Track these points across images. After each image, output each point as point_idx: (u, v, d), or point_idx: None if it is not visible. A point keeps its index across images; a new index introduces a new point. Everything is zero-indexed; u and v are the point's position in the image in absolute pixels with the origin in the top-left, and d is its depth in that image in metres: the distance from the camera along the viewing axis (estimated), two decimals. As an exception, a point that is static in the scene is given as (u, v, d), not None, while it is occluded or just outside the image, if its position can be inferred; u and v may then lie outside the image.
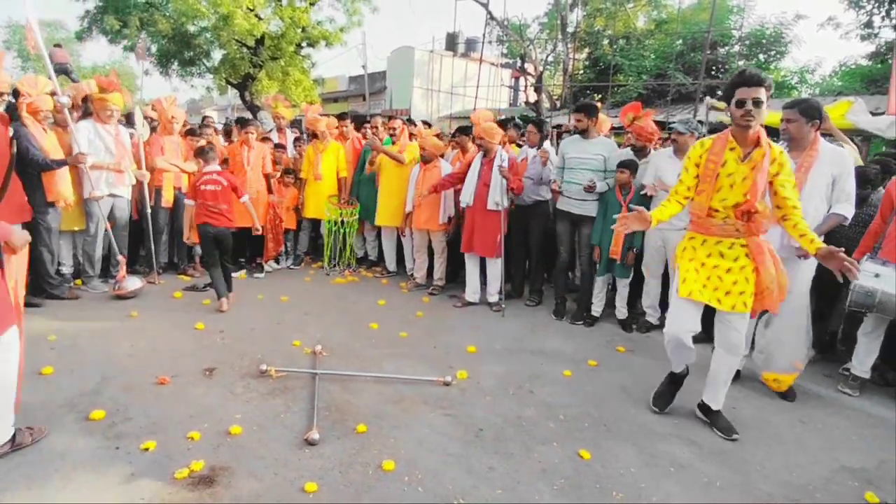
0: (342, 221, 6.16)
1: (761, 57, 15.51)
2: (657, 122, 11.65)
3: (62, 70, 10.91)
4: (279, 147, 6.47)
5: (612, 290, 5.21)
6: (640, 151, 4.99)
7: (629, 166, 4.69)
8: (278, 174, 6.30)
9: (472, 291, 5.44)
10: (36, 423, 2.75)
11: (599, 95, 17.07)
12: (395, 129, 6.13)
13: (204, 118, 7.36)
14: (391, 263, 6.38)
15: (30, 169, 4.42)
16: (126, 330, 4.26)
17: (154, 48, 15.47)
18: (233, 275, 5.92)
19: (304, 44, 15.43)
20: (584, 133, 4.95)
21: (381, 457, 2.68)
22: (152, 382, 3.34)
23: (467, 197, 5.24)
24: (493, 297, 5.37)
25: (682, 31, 15.31)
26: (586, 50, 18.15)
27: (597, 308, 5.09)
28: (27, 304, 4.39)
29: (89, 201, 5.02)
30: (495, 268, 5.31)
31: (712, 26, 12.21)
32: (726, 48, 15.57)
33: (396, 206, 5.91)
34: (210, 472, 2.48)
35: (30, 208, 4.33)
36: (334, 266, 6.47)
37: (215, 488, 2.38)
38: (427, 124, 7.37)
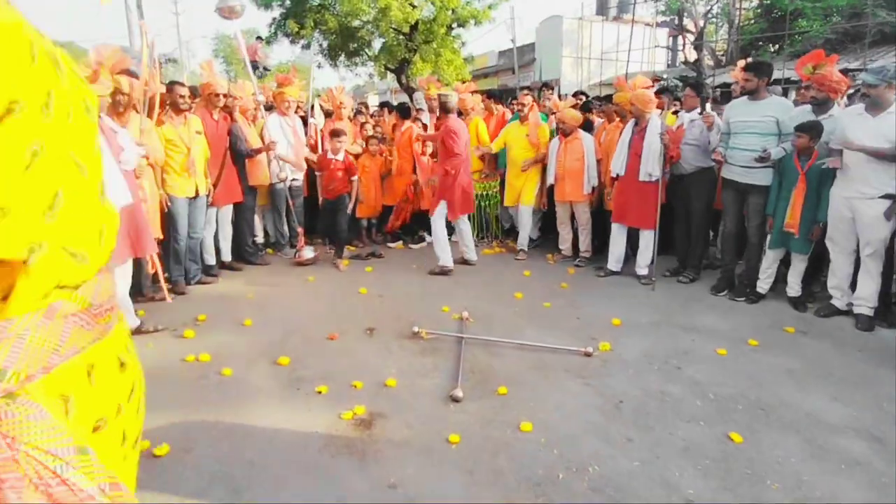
0: (486, 195, 6.37)
1: None
2: (853, 70, 10.09)
3: (255, 66, 12.39)
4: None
5: (783, 266, 4.69)
6: (822, 106, 4.33)
7: (809, 130, 4.10)
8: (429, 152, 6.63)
9: (615, 261, 5.35)
10: (240, 363, 3.44)
11: (775, 46, 15.19)
12: (524, 105, 5.98)
13: (360, 103, 7.99)
14: (523, 242, 6.16)
15: (237, 158, 5.33)
16: (305, 292, 4.95)
17: (325, 44, 17.03)
18: (391, 245, 6.51)
19: (454, 25, 15.82)
20: (752, 94, 4.51)
21: (519, 418, 2.83)
22: (324, 337, 3.86)
23: (618, 167, 5.14)
24: (642, 270, 5.22)
25: None
26: (758, -2, 16.17)
27: (763, 284, 4.64)
28: (230, 268, 5.44)
29: (276, 184, 5.78)
30: (647, 239, 5.14)
31: None
32: None
33: (523, 185, 5.95)
34: (369, 416, 2.86)
35: (241, 191, 5.28)
36: (482, 238, 6.72)
37: (373, 430, 2.74)
38: (583, 94, 7.30)
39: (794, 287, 4.52)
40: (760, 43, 15.56)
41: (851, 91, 6.12)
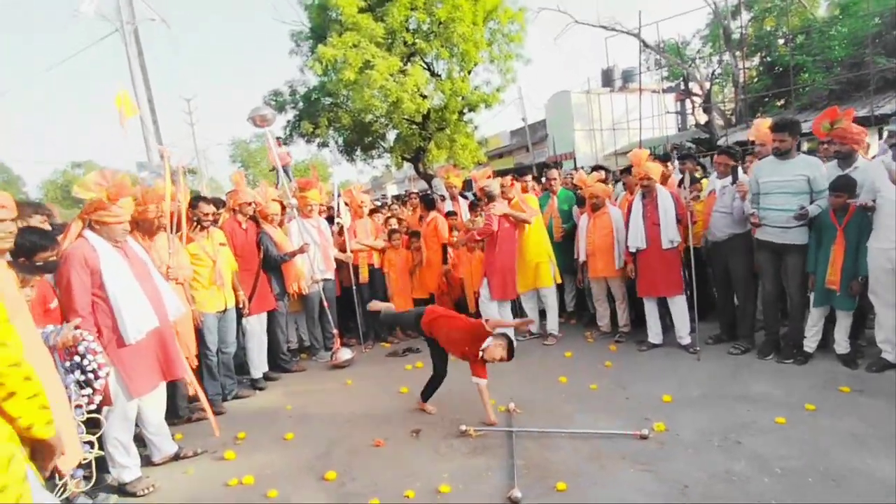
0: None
1: None
2: (862, 118, 10.29)
3: (283, 169, 12.99)
4: (451, 214, 6.96)
5: (828, 323, 4.57)
6: (847, 160, 4.38)
7: (844, 188, 4.11)
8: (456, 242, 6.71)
9: (654, 334, 5.28)
10: (285, 483, 3.33)
11: (781, 102, 15.50)
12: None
13: (394, 197, 8.17)
14: (534, 325, 6.02)
15: (269, 264, 5.43)
16: (345, 397, 4.87)
17: (340, 140, 17.80)
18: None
19: (465, 110, 16.45)
20: (782, 153, 4.50)
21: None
22: (370, 445, 3.77)
23: (637, 241, 5.14)
24: (685, 340, 5.13)
25: (876, 9, 13.30)
26: (758, 56, 16.68)
27: (810, 344, 4.53)
28: (268, 378, 5.40)
29: (310, 286, 5.85)
30: (680, 306, 5.10)
31: None
32: None
33: (535, 268, 5.77)
34: (427, 529, 2.75)
35: (274, 298, 5.36)
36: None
37: (433, 544, 2.62)
38: (602, 168, 7.41)
39: (841, 344, 4.41)
40: (767, 99, 15.91)
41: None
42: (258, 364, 5.43)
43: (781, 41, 15.84)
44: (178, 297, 4.03)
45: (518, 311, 6.32)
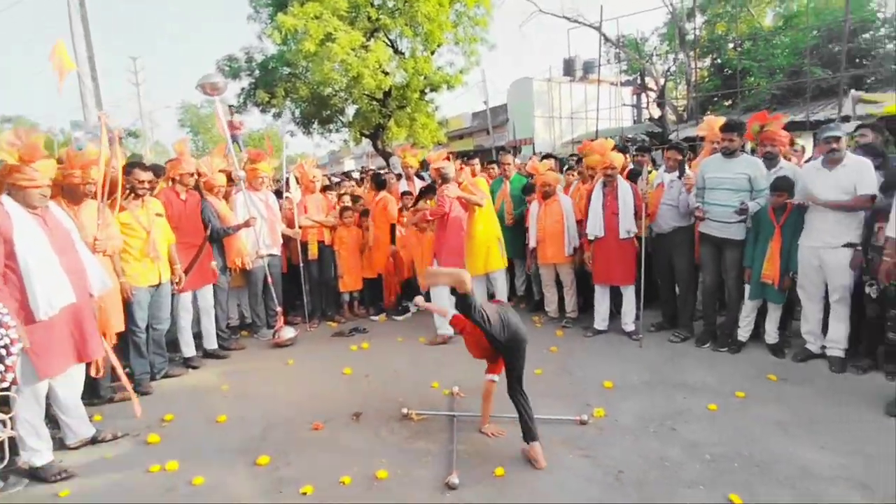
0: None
1: None
2: (797, 123, 10.91)
3: (233, 139, 12.52)
4: (407, 194, 6.85)
5: (759, 315, 4.79)
6: (773, 160, 4.66)
7: (785, 188, 4.30)
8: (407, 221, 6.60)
9: (601, 320, 5.37)
10: (214, 469, 3.17)
11: (728, 102, 16.13)
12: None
13: (343, 174, 8.00)
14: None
15: (212, 237, 5.19)
16: (285, 378, 4.71)
17: (297, 112, 17.35)
18: (374, 318, 6.39)
19: (427, 90, 16.25)
20: (729, 152, 4.66)
21: (519, 501, 2.72)
22: (308, 428, 3.66)
23: (596, 229, 5.18)
24: (629, 327, 5.24)
25: (815, 24, 14.11)
26: (709, 57, 17.28)
27: (743, 333, 4.76)
28: (216, 357, 5.22)
29: (254, 261, 5.64)
30: (630, 295, 5.21)
31: (849, 14, 11.24)
32: (870, 33, 14.14)
33: (485, 251, 5.66)
34: (361, 515, 2.67)
35: (215, 272, 5.13)
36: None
37: (366, 531, 2.56)
38: (552, 157, 7.39)
39: (771, 335, 4.67)
40: (716, 99, 16.54)
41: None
42: (206, 339, 5.26)
43: (731, 45, 16.47)
44: (106, 270, 3.78)
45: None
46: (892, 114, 7.40)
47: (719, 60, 16.99)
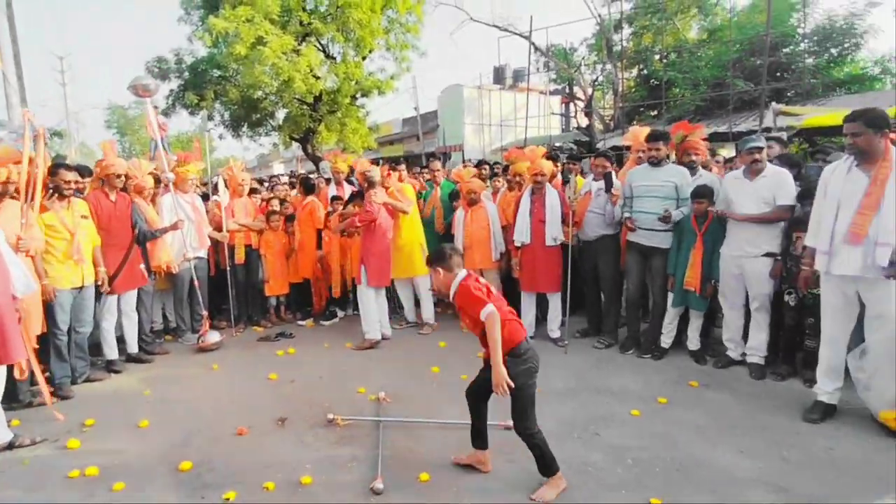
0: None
1: (833, 51, 14.39)
2: (720, 134, 11.25)
3: (156, 143, 12.02)
4: (336, 199, 6.80)
5: (681, 322, 4.94)
6: (693, 169, 4.85)
7: (706, 195, 4.44)
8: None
9: (526, 325, 5.42)
10: (134, 474, 3.09)
11: (654, 112, 16.72)
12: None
13: (271, 177, 7.84)
14: (410, 313, 6.19)
15: (140, 239, 5.04)
16: (209, 383, 4.61)
17: (226, 114, 16.91)
18: (301, 323, 6.30)
19: (358, 95, 16.19)
20: (656, 162, 4.81)
21: (443, 505, 2.72)
22: (232, 433, 3.58)
23: (522, 235, 5.24)
24: (555, 333, 5.35)
25: (738, 38, 14.54)
26: (636, 68, 17.85)
27: (666, 340, 4.88)
28: (139, 361, 5.08)
29: (180, 264, 5.48)
30: (556, 302, 5.30)
31: (770, 28, 11.58)
32: (790, 47, 14.63)
33: (409, 256, 5.81)
34: (285, 522, 2.64)
35: (144, 275, 4.95)
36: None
37: (290, 538, 2.53)
38: (486, 164, 7.53)
39: (693, 341, 4.80)
40: (642, 109, 17.07)
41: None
42: (128, 343, 5.11)
43: (657, 57, 16.95)
44: (28, 271, 3.61)
45: (394, 298, 6.33)
46: (812, 126, 7.87)
47: (646, 71, 17.30)
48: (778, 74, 14.36)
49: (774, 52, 13.45)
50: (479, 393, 3.03)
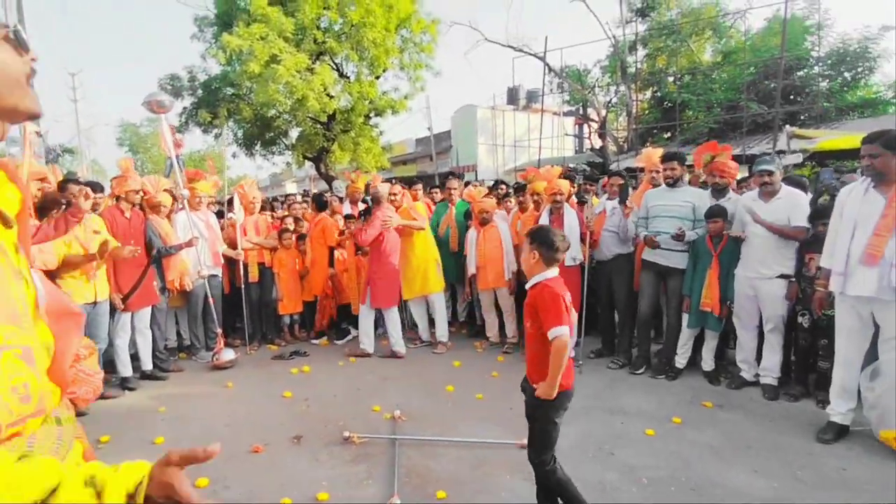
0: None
1: (847, 75, 14.52)
2: (734, 156, 11.36)
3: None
4: (350, 218, 6.84)
5: (695, 342, 4.92)
6: (722, 192, 4.78)
7: (720, 215, 4.47)
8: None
9: None
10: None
11: (668, 134, 16.75)
12: (395, 194, 5.96)
13: (287, 196, 7.91)
14: (424, 332, 6.16)
15: (153, 256, 5.09)
16: (223, 400, 4.62)
17: (240, 133, 17.11)
18: (314, 341, 6.32)
19: (371, 114, 16.33)
20: (672, 182, 4.84)
21: (461, 524, 2.72)
22: (247, 451, 3.58)
23: None
24: (570, 353, 5.33)
25: (752, 60, 14.66)
26: (650, 90, 17.92)
27: (681, 360, 4.86)
28: (153, 378, 5.09)
29: (194, 281, 5.52)
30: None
31: (785, 51, 11.64)
32: (804, 70, 14.74)
33: (423, 273, 5.84)
34: (301, 540, 2.64)
35: (157, 293, 4.99)
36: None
37: (307, 556, 2.52)
38: (503, 184, 7.57)
39: (707, 362, 4.78)
40: (655, 130, 17.09)
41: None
42: (143, 360, 5.13)
43: (671, 79, 17.10)
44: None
45: (408, 317, 6.33)
46: (824, 149, 7.87)
47: (659, 93, 17.45)
48: (791, 97, 14.42)
49: (788, 75, 13.52)
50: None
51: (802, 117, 13.64)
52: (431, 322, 6.15)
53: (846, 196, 3.52)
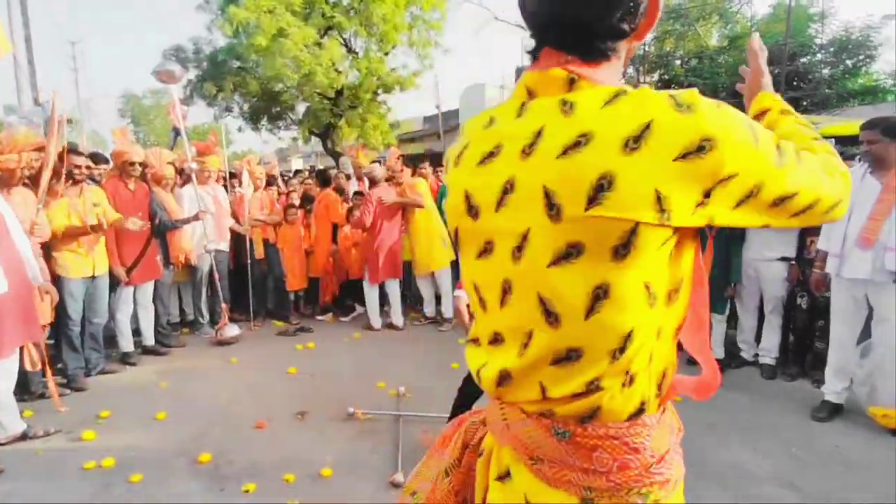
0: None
1: (848, 62, 14.64)
2: None
3: (177, 132, 12.07)
4: (358, 195, 6.79)
5: None
6: None
7: None
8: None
9: None
10: (152, 466, 3.06)
11: (675, 117, 16.77)
12: (393, 171, 5.90)
13: (296, 172, 7.83)
14: (429, 307, 6.11)
15: (159, 230, 5.03)
16: (227, 376, 4.60)
17: (246, 106, 16.97)
18: (320, 318, 6.31)
19: (379, 91, 16.17)
20: None
21: (464, 500, 2.72)
22: (251, 426, 3.58)
23: None
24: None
25: None
26: (657, 73, 17.84)
27: None
28: (155, 353, 5.05)
29: (200, 256, 5.49)
30: None
31: (789, 37, 11.80)
32: (808, 57, 14.84)
33: (428, 250, 5.82)
34: (304, 514, 2.63)
35: (160, 267, 4.94)
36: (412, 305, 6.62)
37: (309, 530, 2.52)
38: None
39: (717, 350, 4.68)
40: (663, 113, 17.06)
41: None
42: (144, 335, 5.10)
43: (678, 62, 17.04)
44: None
45: (413, 295, 6.32)
46: (826, 136, 7.88)
47: (667, 76, 17.46)
48: (795, 83, 14.52)
49: (792, 61, 13.64)
50: None
51: (805, 103, 13.72)
52: (437, 299, 6.13)
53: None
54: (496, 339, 0.93)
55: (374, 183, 5.54)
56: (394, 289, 5.82)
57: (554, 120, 0.81)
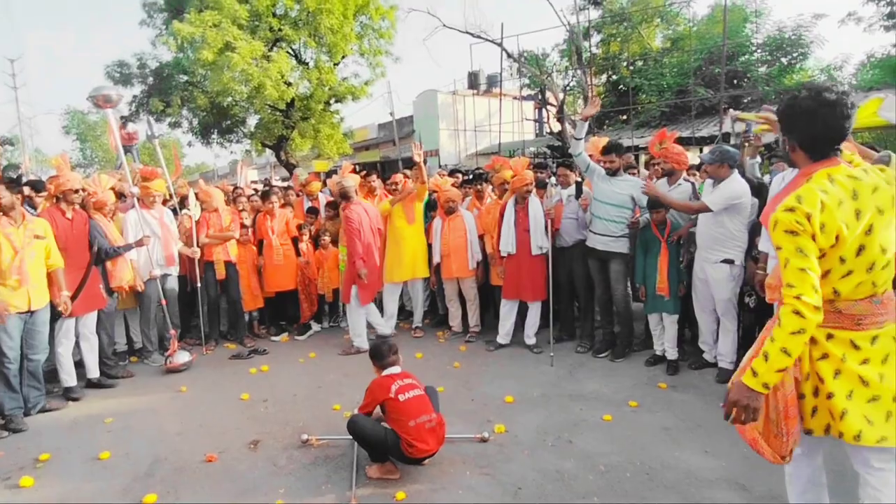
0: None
1: (783, 60, 15.30)
2: (684, 138, 11.89)
3: (127, 150, 11.64)
4: (312, 211, 6.70)
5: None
6: (672, 177, 4.82)
7: (657, 205, 4.56)
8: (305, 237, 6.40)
9: (504, 334, 5.47)
10: None
11: (623, 117, 17.14)
12: (396, 184, 6.12)
13: (235, 188, 7.61)
14: (419, 319, 6.25)
15: (100, 258, 4.83)
16: (176, 406, 4.44)
17: (195, 121, 16.63)
18: (274, 338, 6.18)
19: (331, 101, 16.07)
20: (612, 172, 4.93)
21: (419, 525, 2.70)
22: (201, 460, 3.47)
23: (508, 245, 5.26)
24: (531, 340, 5.39)
25: (698, 47, 15.35)
26: (605, 74, 18.26)
27: (658, 346, 4.87)
28: (100, 386, 4.83)
29: (148, 282, 5.31)
30: (536, 309, 5.36)
31: (727, 38, 12.27)
32: (745, 56, 15.44)
33: (412, 258, 5.88)
34: (255, 552, 2.57)
35: (103, 296, 4.75)
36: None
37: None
38: (460, 173, 7.48)
39: (670, 352, 4.76)
40: (611, 114, 17.49)
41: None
42: (88, 367, 4.88)
43: (624, 64, 17.50)
44: None
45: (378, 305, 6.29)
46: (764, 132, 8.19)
47: (614, 77, 17.95)
48: (735, 82, 15.16)
49: (731, 61, 14.21)
50: None
51: (745, 101, 14.28)
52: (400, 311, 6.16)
53: (780, 182, 3.67)
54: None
55: (346, 199, 5.43)
56: (371, 309, 5.76)
57: None
